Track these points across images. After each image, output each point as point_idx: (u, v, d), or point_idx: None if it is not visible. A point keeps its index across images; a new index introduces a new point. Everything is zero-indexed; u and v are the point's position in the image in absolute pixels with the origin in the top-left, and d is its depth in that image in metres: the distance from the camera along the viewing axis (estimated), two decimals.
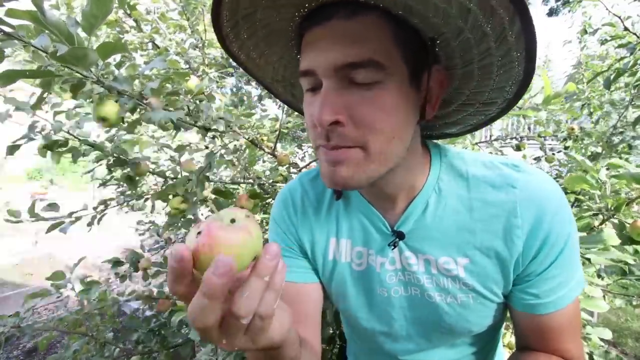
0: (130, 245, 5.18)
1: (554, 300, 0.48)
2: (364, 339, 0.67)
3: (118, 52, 0.67)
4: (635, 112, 1.66)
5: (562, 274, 0.48)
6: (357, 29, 0.39)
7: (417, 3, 0.37)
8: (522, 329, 0.54)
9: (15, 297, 3.25)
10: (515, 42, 0.40)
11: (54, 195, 9.14)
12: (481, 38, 0.41)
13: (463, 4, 0.36)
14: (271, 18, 0.43)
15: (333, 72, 0.40)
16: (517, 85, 0.46)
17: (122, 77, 0.81)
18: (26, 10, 0.56)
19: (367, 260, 0.57)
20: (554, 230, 0.46)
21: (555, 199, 0.47)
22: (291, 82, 0.58)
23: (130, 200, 1.44)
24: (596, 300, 0.76)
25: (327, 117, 0.39)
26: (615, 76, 1.45)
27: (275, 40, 0.48)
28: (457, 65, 0.47)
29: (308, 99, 0.45)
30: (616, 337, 2.51)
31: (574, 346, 0.51)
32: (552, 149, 2.13)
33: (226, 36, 0.46)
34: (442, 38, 0.43)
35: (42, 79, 0.73)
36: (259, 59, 0.51)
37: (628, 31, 1.45)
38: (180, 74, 1.04)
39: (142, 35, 1.58)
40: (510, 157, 0.58)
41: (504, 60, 0.43)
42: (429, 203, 0.51)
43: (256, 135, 1.43)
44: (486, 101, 0.52)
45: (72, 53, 0.59)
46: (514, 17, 0.37)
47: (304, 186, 0.63)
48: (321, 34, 0.41)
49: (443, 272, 0.52)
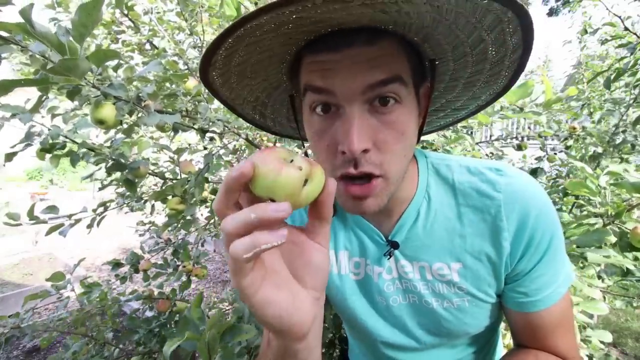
0: (130, 246, 5.19)
1: (543, 298, 0.50)
2: (366, 343, 0.68)
3: (111, 58, 0.67)
4: (635, 111, 1.66)
5: (548, 272, 0.50)
6: (380, 54, 0.40)
7: (439, 33, 0.40)
8: (516, 326, 0.55)
9: (15, 297, 3.25)
10: (509, 65, 0.43)
11: (54, 196, 9.15)
12: (480, 61, 0.44)
13: (481, 36, 0.39)
14: (274, 44, 0.41)
15: (360, 95, 0.40)
16: (493, 96, 0.50)
17: (118, 83, 0.81)
18: (15, 23, 0.56)
19: (364, 270, 0.59)
20: (538, 229, 0.48)
21: (538, 199, 0.49)
22: (263, 102, 0.56)
23: (130, 201, 1.44)
24: (596, 302, 0.76)
25: (362, 145, 0.39)
26: (615, 76, 1.44)
27: (267, 65, 0.46)
28: (444, 80, 0.50)
29: (319, 122, 0.44)
30: (616, 338, 2.52)
31: (565, 341, 0.52)
32: (554, 149, 2.13)
33: (214, 63, 0.41)
34: (442, 60, 0.46)
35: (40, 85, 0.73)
36: (239, 83, 0.48)
37: (628, 31, 1.45)
38: (178, 76, 1.03)
39: (140, 36, 1.58)
40: (492, 160, 0.61)
41: (491, 78, 0.47)
42: (420, 212, 0.53)
43: (255, 136, 1.42)
44: (458, 108, 0.55)
45: (63, 64, 0.58)
46: (519, 46, 0.40)
47: None
48: (342, 59, 0.40)
49: (438, 278, 0.53)
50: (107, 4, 1.58)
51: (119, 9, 1.52)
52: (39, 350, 2.75)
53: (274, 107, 0.59)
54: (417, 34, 0.41)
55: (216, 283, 4.01)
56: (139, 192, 1.70)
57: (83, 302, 1.31)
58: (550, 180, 2.00)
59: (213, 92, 0.49)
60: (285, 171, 0.28)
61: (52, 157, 0.94)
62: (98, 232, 1.36)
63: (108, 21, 1.67)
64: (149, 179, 2.19)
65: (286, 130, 0.66)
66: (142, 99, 0.86)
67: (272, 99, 0.56)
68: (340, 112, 0.42)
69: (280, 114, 0.61)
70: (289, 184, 0.28)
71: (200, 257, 1.59)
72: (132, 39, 1.64)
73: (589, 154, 1.66)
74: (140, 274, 1.54)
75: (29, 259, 4.67)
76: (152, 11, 1.53)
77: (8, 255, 4.77)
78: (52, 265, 4.46)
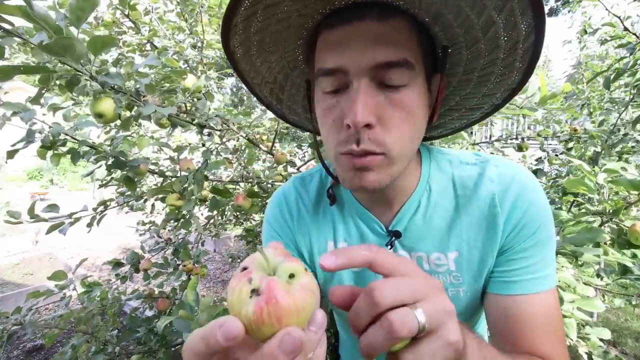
0: (130, 246, 5.20)
1: (520, 281, 0.49)
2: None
3: (109, 46, 0.68)
4: (635, 111, 1.66)
5: (533, 257, 0.50)
6: (390, 32, 0.40)
7: (449, 12, 0.40)
8: (494, 319, 0.53)
9: (16, 297, 3.25)
10: (523, 54, 0.42)
11: (54, 195, 9.16)
12: (493, 49, 0.43)
13: (491, 17, 0.39)
14: (292, 12, 0.41)
15: (368, 71, 0.40)
16: (508, 92, 0.50)
17: (115, 73, 0.82)
18: (16, 6, 0.58)
19: None
20: (529, 211, 0.49)
21: (529, 186, 0.50)
22: (281, 85, 0.57)
23: (130, 200, 1.44)
24: (592, 300, 0.76)
25: (364, 118, 0.39)
26: (615, 76, 1.44)
27: (285, 36, 0.46)
28: (458, 73, 0.49)
29: (328, 100, 0.45)
30: (616, 337, 2.51)
31: (548, 345, 0.47)
32: (555, 150, 2.13)
33: (234, 26, 0.42)
34: (455, 47, 0.45)
35: (40, 76, 0.74)
36: (258, 56, 0.49)
37: (628, 31, 1.45)
38: (177, 72, 1.04)
39: (140, 37, 1.58)
40: (486, 153, 0.61)
41: (505, 70, 0.46)
42: (421, 203, 0.54)
43: (254, 134, 1.43)
44: (473, 107, 0.55)
45: (58, 43, 0.60)
46: (531, 31, 0.39)
47: (298, 190, 0.64)
48: (353, 33, 0.40)
49: (435, 268, 0.54)
50: (108, 4, 1.59)
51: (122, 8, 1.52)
52: (39, 350, 2.75)
53: (291, 92, 0.59)
54: (427, 12, 0.41)
55: (216, 283, 4.01)
56: (139, 192, 1.70)
57: (84, 301, 1.31)
58: (550, 180, 2.00)
59: (234, 64, 0.49)
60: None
61: (53, 156, 0.95)
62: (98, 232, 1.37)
63: (109, 22, 1.68)
64: (150, 179, 2.20)
65: (301, 120, 0.67)
66: (140, 93, 0.86)
67: (290, 81, 0.56)
68: (348, 89, 0.42)
69: (297, 102, 0.62)
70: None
71: (200, 256, 1.59)
72: (132, 39, 1.65)
73: (588, 153, 1.66)
74: (140, 273, 1.54)
75: (29, 259, 4.67)
76: (152, 10, 1.54)
77: (8, 255, 4.77)
78: (52, 265, 4.46)
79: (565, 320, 0.79)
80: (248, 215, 2.25)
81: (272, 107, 0.63)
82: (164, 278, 1.53)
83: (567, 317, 0.81)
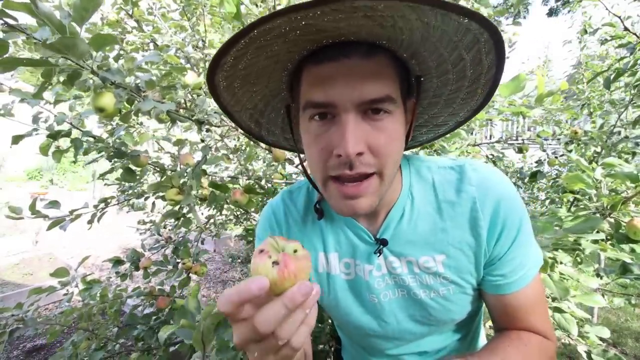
0: (130, 246, 5.20)
1: (517, 279, 0.55)
2: (357, 340, 0.71)
3: (110, 44, 0.70)
4: (635, 111, 1.66)
5: (520, 255, 0.55)
6: (375, 68, 0.44)
7: (425, 50, 0.45)
8: (496, 311, 0.60)
9: (16, 297, 3.25)
10: (485, 83, 0.50)
11: (54, 195, 9.15)
12: (460, 79, 0.51)
13: (461, 54, 0.45)
14: (281, 50, 0.44)
15: (356, 106, 0.44)
16: (470, 112, 0.57)
17: (115, 69, 0.83)
18: (21, 2, 0.60)
19: (354, 270, 0.62)
20: (509, 215, 0.53)
21: (506, 189, 0.54)
22: (260, 110, 0.59)
23: (131, 198, 1.45)
24: (593, 295, 0.77)
25: (356, 148, 0.43)
26: (615, 76, 1.45)
27: (271, 70, 0.49)
28: (428, 96, 0.56)
29: (315, 127, 0.47)
30: (616, 337, 2.51)
31: (540, 319, 0.58)
32: (555, 152, 2.13)
33: (223, 64, 0.43)
34: (427, 77, 0.52)
35: (43, 70, 0.75)
36: (241, 88, 0.50)
37: (628, 31, 1.46)
38: (177, 69, 1.05)
39: (143, 35, 1.59)
40: (463, 157, 0.71)
41: (468, 95, 0.53)
42: (405, 210, 0.57)
43: None
44: (439, 124, 0.62)
45: (62, 42, 0.62)
46: (493, 65, 0.46)
47: (287, 203, 0.68)
48: (341, 70, 0.44)
49: (424, 270, 0.57)
50: (112, 3, 1.60)
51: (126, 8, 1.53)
52: (39, 350, 2.75)
53: (270, 117, 0.62)
54: (406, 50, 0.46)
55: (216, 283, 4.01)
56: (139, 190, 1.71)
57: (86, 298, 1.31)
58: (550, 180, 2.00)
59: (215, 96, 0.52)
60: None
61: (55, 152, 0.95)
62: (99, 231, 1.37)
63: (113, 21, 1.69)
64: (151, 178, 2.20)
65: (278, 141, 0.70)
66: (141, 88, 0.88)
67: (270, 107, 0.59)
68: (336, 119, 0.46)
69: (275, 124, 0.64)
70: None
71: (199, 254, 1.60)
72: (135, 39, 1.66)
73: (588, 154, 1.66)
74: (140, 272, 1.55)
75: (29, 259, 4.68)
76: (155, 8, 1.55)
77: (8, 255, 4.77)
78: (52, 265, 4.46)
79: (565, 316, 0.80)
80: (248, 214, 2.25)
81: (250, 130, 0.65)
82: (164, 276, 1.53)
83: (567, 313, 0.81)
